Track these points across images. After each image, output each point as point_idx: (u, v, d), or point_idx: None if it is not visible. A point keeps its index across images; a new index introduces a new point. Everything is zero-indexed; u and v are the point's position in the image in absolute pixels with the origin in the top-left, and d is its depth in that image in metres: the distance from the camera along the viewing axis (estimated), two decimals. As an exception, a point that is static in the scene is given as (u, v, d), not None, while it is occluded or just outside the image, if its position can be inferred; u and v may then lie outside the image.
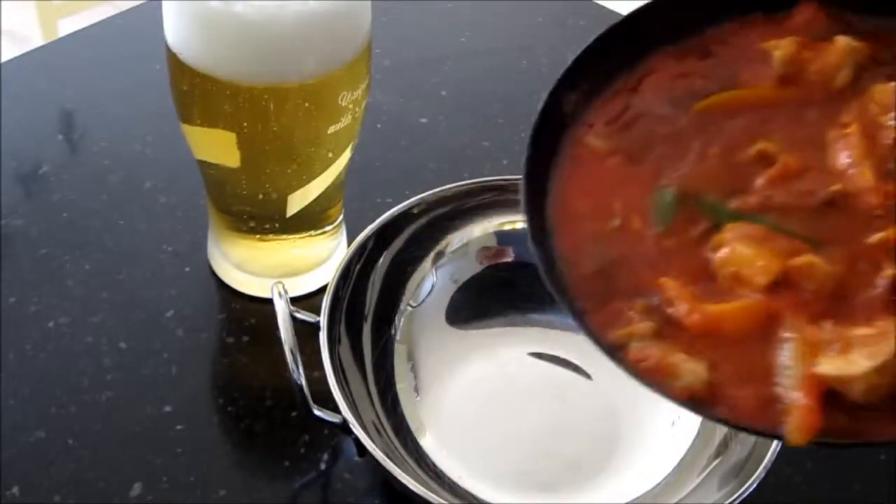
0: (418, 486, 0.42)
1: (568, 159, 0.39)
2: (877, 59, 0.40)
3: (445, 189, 0.55)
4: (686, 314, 0.35)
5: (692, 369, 0.34)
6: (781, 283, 0.35)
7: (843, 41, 0.39)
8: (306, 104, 0.49)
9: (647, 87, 0.41)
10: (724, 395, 0.34)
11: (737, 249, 0.35)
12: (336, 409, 0.45)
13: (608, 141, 0.39)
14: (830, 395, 0.33)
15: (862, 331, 0.33)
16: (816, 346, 0.33)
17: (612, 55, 0.41)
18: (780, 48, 0.40)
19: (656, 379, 0.34)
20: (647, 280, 0.36)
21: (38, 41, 0.79)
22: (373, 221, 0.53)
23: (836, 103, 0.39)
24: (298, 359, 0.45)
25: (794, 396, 0.33)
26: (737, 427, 0.34)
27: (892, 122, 0.38)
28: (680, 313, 0.35)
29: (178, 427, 0.52)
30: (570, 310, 0.36)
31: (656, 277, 0.36)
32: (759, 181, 0.37)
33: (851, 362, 0.33)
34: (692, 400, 0.34)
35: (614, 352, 0.35)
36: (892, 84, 0.38)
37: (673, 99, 0.40)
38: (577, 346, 0.53)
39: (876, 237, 0.35)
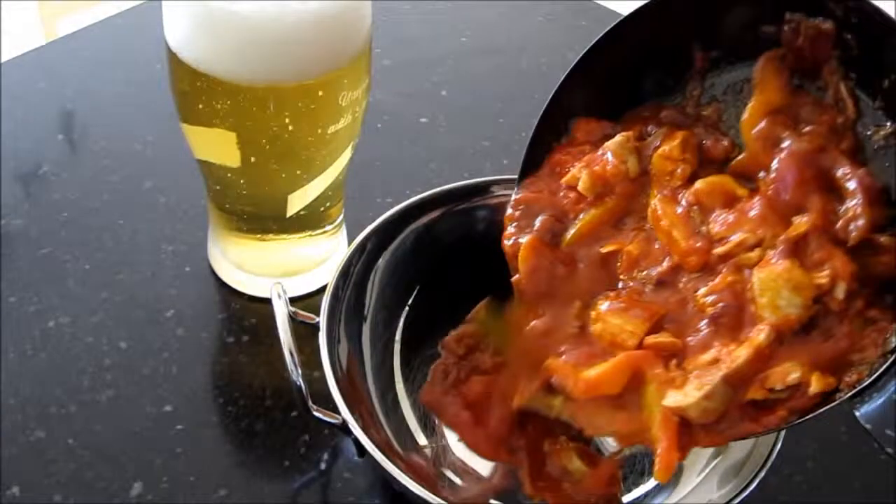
0: (418, 486, 0.42)
1: None
2: (645, 135, 0.46)
3: (445, 189, 0.55)
4: (572, 387, 0.43)
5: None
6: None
7: (609, 143, 0.46)
8: (306, 104, 0.49)
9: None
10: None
11: (609, 321, 0.44)
12: (336, 410, 0.45)
13: None
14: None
15: (704, 357, 0.41)
16: (665, 384, 0.41)
17: None
18: (582, 180, 0.46)
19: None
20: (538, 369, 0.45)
21: (38, 41, 0.79)
22: (373, 221, 0.53)
23: (647, 188, 0.46)
24: (297, 359, 0.45)
25: (658, 438, 0.41)
26: None
27: (680, 187, 0.44)
28: (568, 386, 0.43)
29: (178, 427, 0.52)
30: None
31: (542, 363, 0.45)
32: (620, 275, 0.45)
33: (686, 394, 0.40)
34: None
35: None
36: (662, 149, 0.44)
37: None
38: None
39: (701, 294, 0.42)
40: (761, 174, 0.43)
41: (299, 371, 0.45)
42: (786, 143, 0.42)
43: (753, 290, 0.40)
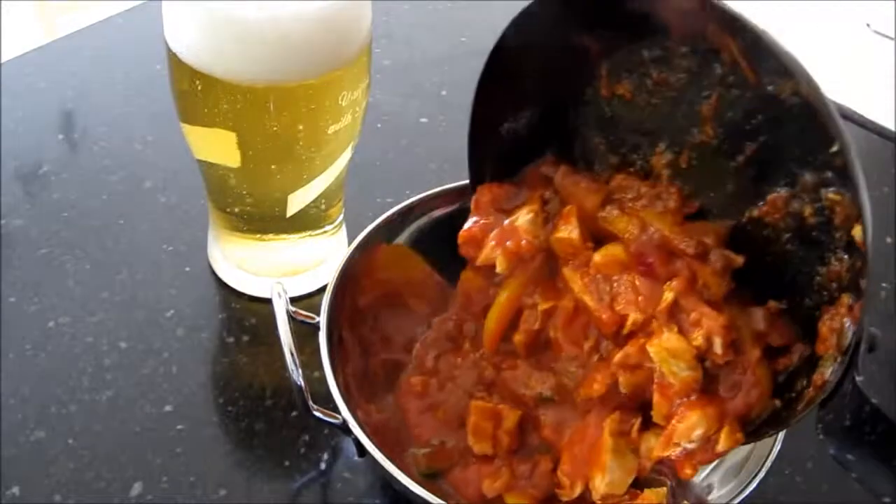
0: (418, 486, 0.42)
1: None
2: (546, 200, 0.48)
3: (445, 189, 0.55)
4: None
5: None
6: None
7: (519, 223, 0.47)
8: (306, 104, 0.49)
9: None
10: None
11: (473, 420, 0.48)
12: (336, 410, 0.45)
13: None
14: None
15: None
16: None
17: None
18: (499, 262, 0.47)
19: None
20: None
21: (39, 41, 0.79)
22: (373, 221, 0.53)
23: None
24: (297, 359, 0.45)
25: None
26: None
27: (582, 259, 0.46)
28: None
29: (178, 427, 0.52)
30: None
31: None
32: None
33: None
34: None
35: None
36: (560, 234, 0.46)
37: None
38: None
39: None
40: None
41: (299, 371, 0.45)
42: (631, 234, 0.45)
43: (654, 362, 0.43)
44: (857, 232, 0.38)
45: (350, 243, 0.52)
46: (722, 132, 0.43)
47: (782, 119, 0.40)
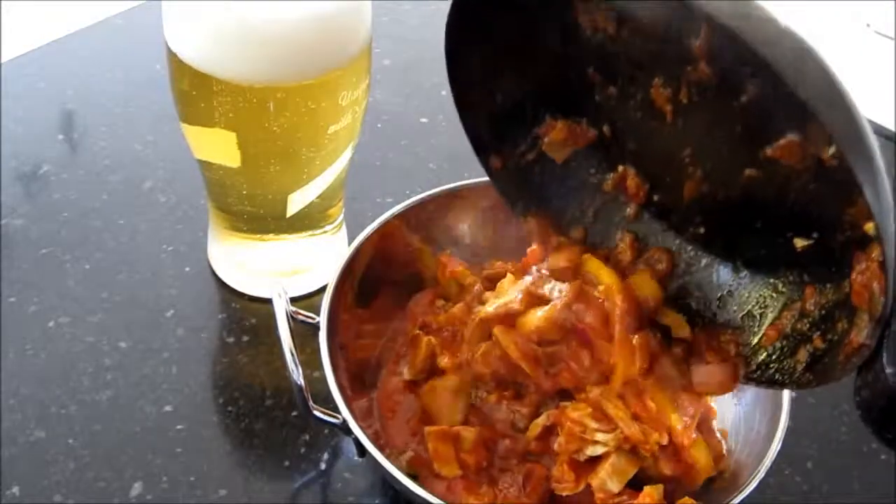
0: (417, 486, 0.42)
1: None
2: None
3: (445, 189, 0.55)
4: None
5: None
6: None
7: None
8: (306, 104, 0.49)
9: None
10: None
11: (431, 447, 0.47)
12: (336, 410, 0.45)
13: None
14: None
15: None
16: None
17: None
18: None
19: None
20: None
21: (39, 41, 0.80)
22: (373, 221, 0.53)
23: None
24: (297, 359, 0.45)
25: None
26: None
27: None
28: None
29: (178, 427, 0.52)
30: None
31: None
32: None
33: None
34: None
35: None
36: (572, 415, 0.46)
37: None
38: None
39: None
40: None
41: (299, 371, 0.45)
42: None
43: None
44: (868, 227, 0.36)
45: (350, 243, 0.52)
46: (719, 70, 0.39)
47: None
